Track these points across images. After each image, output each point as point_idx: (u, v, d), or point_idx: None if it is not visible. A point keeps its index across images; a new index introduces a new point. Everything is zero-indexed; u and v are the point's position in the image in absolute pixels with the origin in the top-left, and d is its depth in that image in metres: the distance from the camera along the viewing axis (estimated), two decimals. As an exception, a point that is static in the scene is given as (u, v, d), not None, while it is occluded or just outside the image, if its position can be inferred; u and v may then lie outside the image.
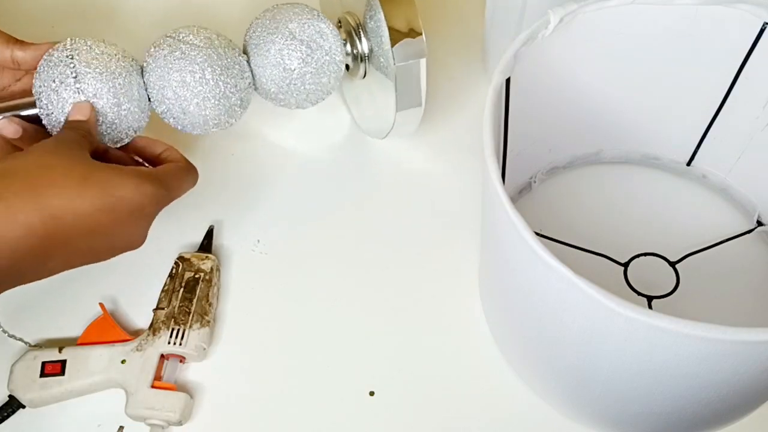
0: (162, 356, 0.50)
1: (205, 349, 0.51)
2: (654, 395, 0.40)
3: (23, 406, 0.49)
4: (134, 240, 0.47)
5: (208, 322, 0.51)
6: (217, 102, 0.52)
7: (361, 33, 0.55)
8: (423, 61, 0.52)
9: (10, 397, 0.49)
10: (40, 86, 0.50)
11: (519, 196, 0.58)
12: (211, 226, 0.57)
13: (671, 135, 0.57)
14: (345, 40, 0.56)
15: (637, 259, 0.53)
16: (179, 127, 0.54)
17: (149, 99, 0.52)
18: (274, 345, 0.52)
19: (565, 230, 0.55)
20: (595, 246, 0.54)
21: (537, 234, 0.36)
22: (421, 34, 0.52)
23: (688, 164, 0.58)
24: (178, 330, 0.51)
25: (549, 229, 0.54)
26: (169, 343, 0.50)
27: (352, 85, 0.62)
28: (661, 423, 0.44)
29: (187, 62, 0.51)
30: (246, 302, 0.55)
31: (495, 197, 0.38)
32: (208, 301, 0.52)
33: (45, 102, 0.49)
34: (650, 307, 0.51)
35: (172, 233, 0.57)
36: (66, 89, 0.49)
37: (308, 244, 0.57)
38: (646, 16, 0.48)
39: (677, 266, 0.53)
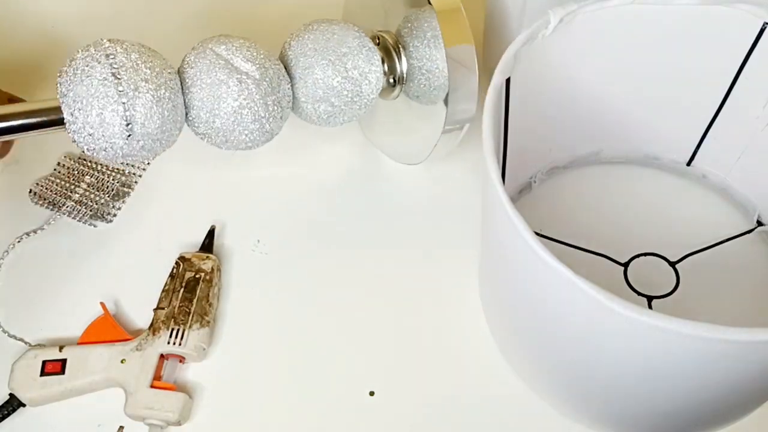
0: (161, 356, 0.50)
1: (204, 349, 0.51)
2: (654, 395, 0.40)
3: (23, 405, 0.49)
4: None
5: (208, 322, 0.51)
6: (260, 131, 0.50)
7: (401, 52, 0.54)
8: (475, 88, 0.51)
9: (11, 395, 0.49)
10: (74, 100, 0.46)
11: (519, 196, 0.58)
12: (212, 226, 0.57)
13: (671, 135, 0.57)
14: (383, 59, 0.54)
15: (637, 259, 0.53)
16: (210, 144, 0.52)
17: (187, 117, 0.50)
18: (274, 345, 0.52)
19: (565, 230, 0.55)
20: (595, 246, 0.54)
21: (537, 234, 0.36)
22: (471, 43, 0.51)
23: (688, 164, 0.58)
24: (178, 330, 0.51)
25: (549, 229, 0.54)
26: (168, 343, 0.50)
27: (383, 105, 0.59)
28: (660, 423, 0.44)
29: (244, 97, 0.49)
30: (246, 302, 0.55)
31: (495, 197, 0.38)
32: (208, 301, 0.52)
33: (77, 118, 0.46)
34: (650, 307, 0.51)
35: (173, 233, 0.57)
36: (111, 114, 0.46)
37: (308, 244, 0.57)
38: (646, 16, 0.48)
39: (677, 266, 0.53)
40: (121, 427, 0.49)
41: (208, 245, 0.56)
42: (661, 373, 0.38)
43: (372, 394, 0.50)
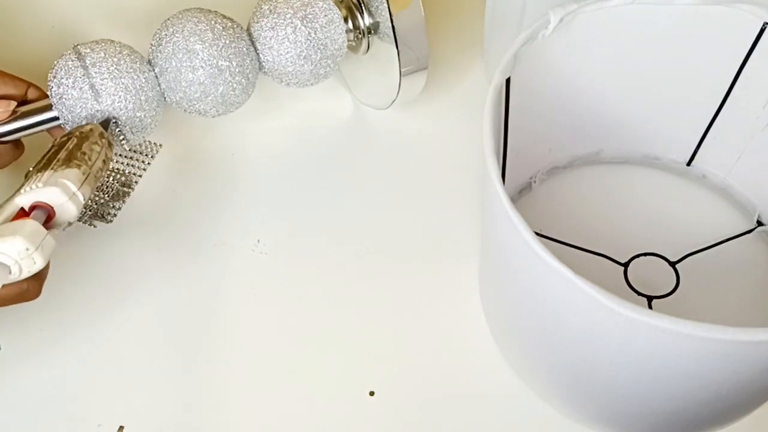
0: (22, 210, 0.43)
1: (74, 193, 0.44)
2: (654, 395, 0.40)
3: None
4: None
5: (79, 165, 0.45)
6: (225, 83, 0.54)
7: (362, 6, 0.56)
8: (423, 24, 0.54)
9: None
10: (56, 91, 0.53)
11: (519, 196, 0.58)
12: (108, 118, 0.53)
13: (671, 135, 0.57)
14: (346, 16, 0.57)
15: (637, 259, 0.53)
16: (192, 113, 0.56)
17: (161, 90, 0.55)
18: (274, 345, 0.52)
19: (565, 230, 0.55)
20: (595, 246, 0.54)
21: (537, 234, 0.36)
22: None
23: (688, 164, 0.58)
24: (41, 176, 0.43)
25: (549, 229, 0.54)
26: (25, 190, 0.43)
27: (354, 61, 0.62)
28: (661, 423, 0.44)
29: (192, 49, 0.53)
30: (246, 302, 0.55)
31: (495, 197, 0.38)
32: (80, 150, 0.45)
33: (61, 108, 0.53)
34: (650, 307, 0.51)
35: (186, 226, 0.58)
36: (83, 96, 0.52)
37: (308, 244, 0.57)
38: (646, 16, 0.48)
39: (677, 266, 0.53)
40: (121, 427, 0.49)
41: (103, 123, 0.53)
42: (661, 373, 0.38)
43: (372, 394, 0.50)
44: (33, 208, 0.43)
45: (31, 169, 0.48)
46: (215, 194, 0.60)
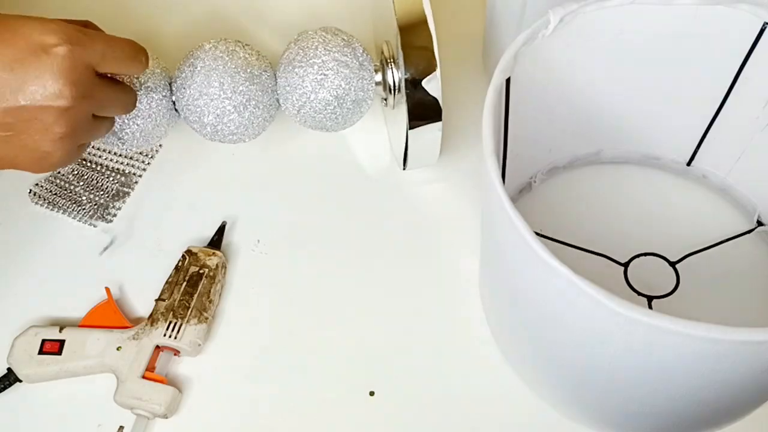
0: (157, 347, 0.50)
1: (200, 345, 0.51)
2: (654, 395, 0.40)
3: (20, 380, 0.50)
4: (49, 95, 0.41)
5: (206, 318, 0.52)
6: (238, 114, 0.53)
7: (392, 63, 0.54)
8: (438, 102, 0.52)
9: (9, 370, 0.50)
10: None
11: (519, 196, 0.58)
12: (223, 222, 0.57)
13: (671, 135, 0.57)
14: (377, 69, 0.54)
15: (637, 259, 0.53)
16: (202, 136, 0.55)
17: (176, 109, 0.54)
18: (274, 345, 0.52)
19: (565, 230, 0.55)
20: (595, 246, 0.54)
21: (537, 234, 0.36)
22: (435, 70, 0.51)
23: (688, 164, 0.58)
24: (176, 323, 0.51)
25: (549, 229, 0.54)
26: (165, 335, 0.50)
27: (388, 112, 0.60)
28: (661, 423, 0.44)
29: (210, 74, 0.52)
30: (245, 302, 0.55)
31: (495, 197, 0.38)
32: (209, 297, 0.52)
33: None
34: (650, 307, 0.51)
35: (186, 226, 0.58)
36: None
37: (308, 244, 0.57)
38: (646, 16, 0.48)
39: (677, 266, 0.53)
40: (121, 427, 0.49)
41: (216, 241, 0.56)
42: (661, 373, 0.38)
43: (372, 394, 0.50)
44: (163, 348, 0.50)
45: (156, 300, 0.52)
46: (215, 194, 0.60)
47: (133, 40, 0.47)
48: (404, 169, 0.58)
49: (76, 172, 0.61)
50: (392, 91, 0.54)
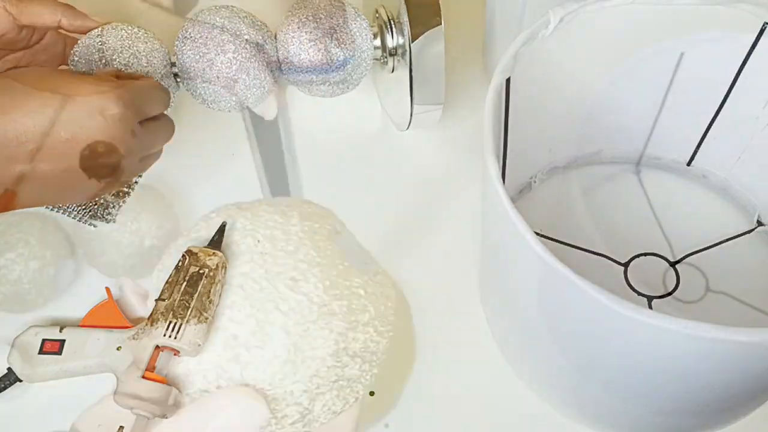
0: (156, 347, 0.50)
1: (200, 345, 0.51)
2: (654, 395, 0.40)
3: (20, 380, 0.50)
4: (110, 148, 0.45)
5: (206, 318, 0.51)
6: (242, 80, 0.54)
7: (393, 27, 0.55)
8: (442, 58, 0.53)
9: (8, 369, 0.50)
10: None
11: (519, 196, 0.58)
12: (223, 223, 0.57)
13: (671, 135, 0.57)
14: (375, 33, 0.55)
15: (637, 259, 0.53)
16: (205, 104, 0.56)
17: (176, 76, 0.55)
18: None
19: (565, 230, 0.55)
20: (595, 246, 0.54)
21: (537, 234, 0.36)
22: (440, 24, 0.52)
23: (688, 164, 0.58)
24: (176, 324, 0.51)
25: (549, 229, 0.54)
26: (164, 335, 0.50)
27: (383, 76, 0.61)
28: (661, 423, 0.44)
29: (210, 40, 0.53)
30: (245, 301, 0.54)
31: (495, 197, 0.38)
32: (209, 297, 0.52)
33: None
34: (650, 307, 0.51)
35: (178, 229, 0.58)
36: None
37: (308, 244, 0.57)
38: (646, 16, 0.48)
39: (677, 266, 0.53)
40: (121, 427, 0.49)
41: (216, 241, 0.56)
42: (661, 373, 0.38)
43: (372, 394, 0.50)
44: (163, 348, 0.49)
45: (156, 300, 0.51)
46: (215, 194, 0.60)
47: (156, 81, 0.51)
48: (407, 129, 0.59)
49: (76, 172, 0.61)
50: (393, 54, 0.56)
